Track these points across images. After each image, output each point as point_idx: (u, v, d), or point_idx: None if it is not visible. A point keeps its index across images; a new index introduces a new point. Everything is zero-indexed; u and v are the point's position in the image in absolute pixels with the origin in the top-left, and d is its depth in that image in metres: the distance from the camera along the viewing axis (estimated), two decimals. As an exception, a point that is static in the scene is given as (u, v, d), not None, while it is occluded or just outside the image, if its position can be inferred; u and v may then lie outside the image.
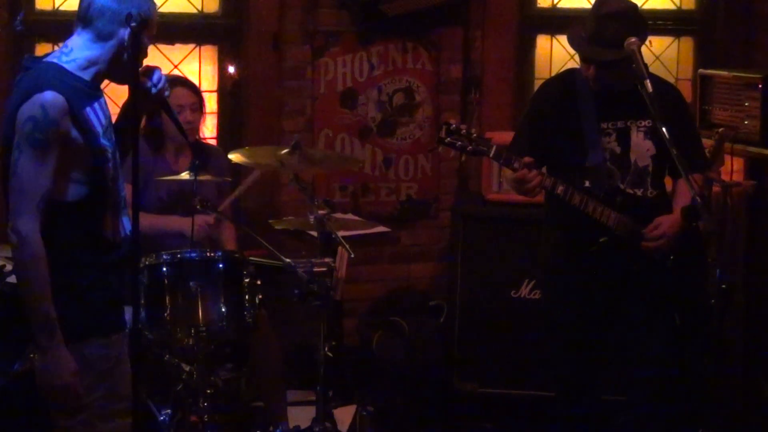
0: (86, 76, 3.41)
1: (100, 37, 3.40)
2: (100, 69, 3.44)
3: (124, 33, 3.37)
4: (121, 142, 3.54)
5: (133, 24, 3.32)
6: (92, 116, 3.40)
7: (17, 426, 3.99)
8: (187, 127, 4.96)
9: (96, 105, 3.44)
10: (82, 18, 3.42)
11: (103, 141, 3.41)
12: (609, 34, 4.34)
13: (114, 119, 3.56)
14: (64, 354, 3.33)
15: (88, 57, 3.41)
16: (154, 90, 3.54)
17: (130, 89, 3.44)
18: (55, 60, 3.41)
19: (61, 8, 5.71)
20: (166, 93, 3.60)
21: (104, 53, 3.41)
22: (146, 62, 3.55)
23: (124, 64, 3.41)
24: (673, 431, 4.69)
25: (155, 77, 3.55)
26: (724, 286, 4.94)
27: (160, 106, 3.66)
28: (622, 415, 4.75)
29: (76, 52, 3.42)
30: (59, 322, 3.31)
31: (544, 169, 4.44)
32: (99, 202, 3.41)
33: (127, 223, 3.52)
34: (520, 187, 4.41)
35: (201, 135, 5.41)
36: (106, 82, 3.51)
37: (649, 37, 4.76)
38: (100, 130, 3.41)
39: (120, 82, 3.54)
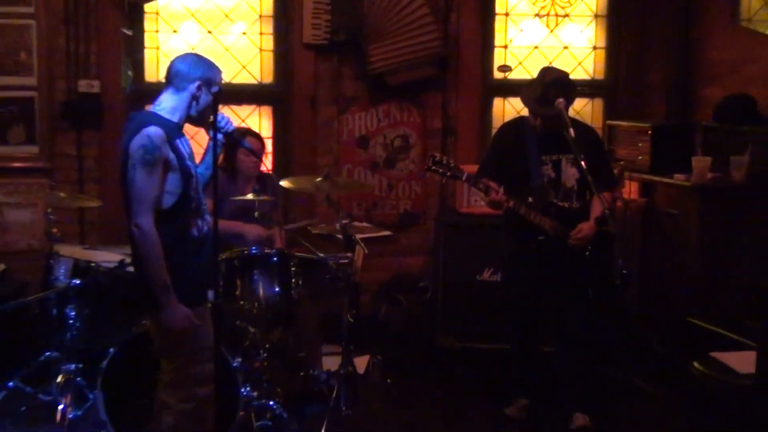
0: (173, 119, 3.44)
1: (177, 89, 3.45)
2: (181, 114, 3.45)
3: (194, 87, 3.41)
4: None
5: (199, 83, 3.39)
6: (181, 146, 3.43)
7: (136, 375, 3.96)
8: (255, 164, 4.96)
9: (183, 139, 3.47)
10: (167, 78, 3.49)
11: (189, 163, 3.44)
12: (551, 96, 4.36)
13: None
14: (178, 306, 3.35)
15: (171, 104, 3.45)
16: (220, 133, 3.57)
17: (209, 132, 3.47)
18: (150, 109, 3.48)
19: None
20: (231, 127, 3.61)
21: (181, 101, 3.45)
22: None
23: (197, 110, 3.45)
24: (586, 370, 4.70)
25: (222, 122, 3.57)
26: (624, 271, 4.93)
27: (230, 138, 3.67)
28: (554, 360, 4.76)
29: (163, 102, 3.47)
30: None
31: (502, 188, 4.47)
32: (185, 206, 3.41)
33: (205, 225, 3.50)
34: (493, 207, 4.46)
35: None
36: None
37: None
38: (186, 155, 3.44)
39: (196, 124, 3.54)
